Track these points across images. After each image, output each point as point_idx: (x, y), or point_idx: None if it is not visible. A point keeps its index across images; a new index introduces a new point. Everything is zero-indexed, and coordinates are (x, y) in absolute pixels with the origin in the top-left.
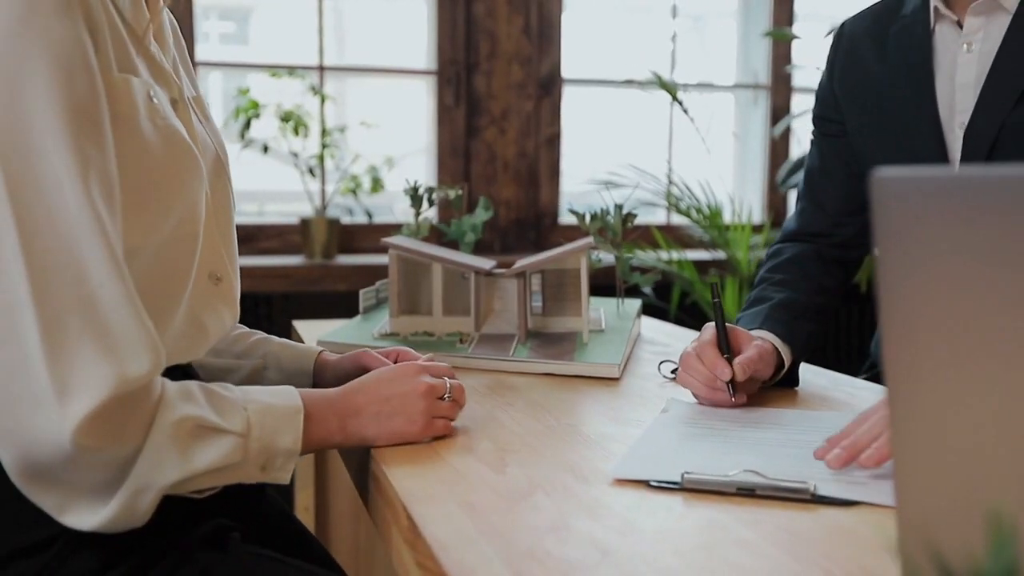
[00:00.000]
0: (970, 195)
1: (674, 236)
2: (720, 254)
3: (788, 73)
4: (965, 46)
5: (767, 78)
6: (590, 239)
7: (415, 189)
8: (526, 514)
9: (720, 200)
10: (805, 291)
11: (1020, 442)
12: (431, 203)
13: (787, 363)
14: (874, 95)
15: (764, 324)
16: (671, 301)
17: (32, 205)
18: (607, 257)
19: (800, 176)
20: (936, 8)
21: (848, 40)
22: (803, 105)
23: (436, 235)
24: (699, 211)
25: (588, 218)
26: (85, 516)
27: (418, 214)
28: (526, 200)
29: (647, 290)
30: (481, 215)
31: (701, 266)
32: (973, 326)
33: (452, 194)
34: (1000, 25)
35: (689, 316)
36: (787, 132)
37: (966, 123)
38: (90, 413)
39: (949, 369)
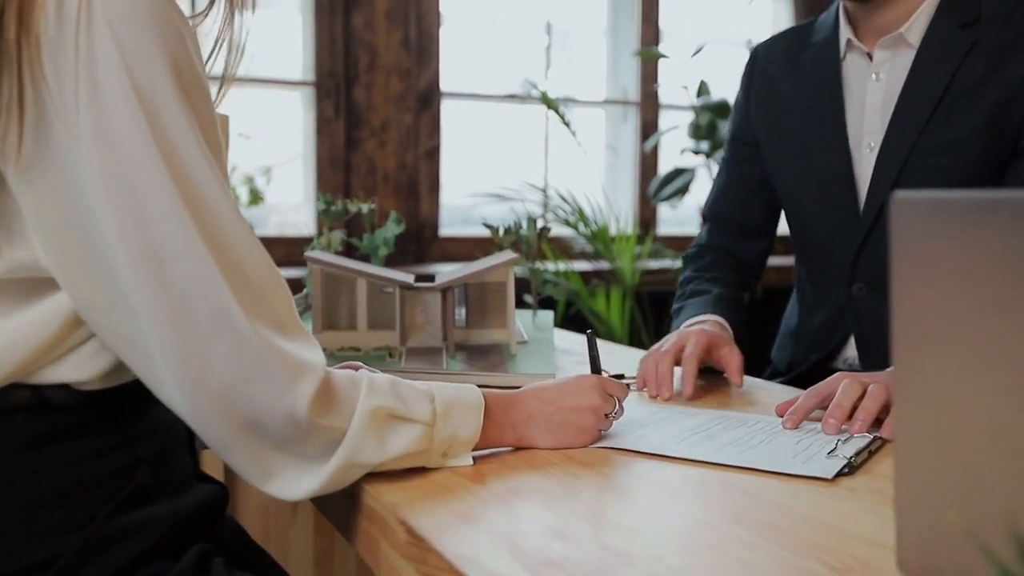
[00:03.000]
0: (982, 216)
1: (557, 247)
2: (603, 264)
3: (656, 91)
4: (874, 75)
5: (636, 95)
6: (511, 253)
7: (328, 203)
8: (526, 522)
9: (605, 213)
10: (733, 287)
11: (1018, 438)
12: (343, 216)
13: None
14: (787, 118)
15: (715, 310)
16: (556, 311)
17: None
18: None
19: (672, 187)
20: (849, 40)
21: (762, 69)
22: (670, 121)
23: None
24: (586, 224)
25: (502, 231)
26: (289, 485)
27: (331, 228)
28: (407, 213)
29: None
30: (392, 228)
31: (584, 276)
32: (979, 335)
33: (365, 208)
34: (906, 58)
35: (573, 325)
36: (655, 147)
37: (874, 146)
38: (315, 391)
39: (954, 374)
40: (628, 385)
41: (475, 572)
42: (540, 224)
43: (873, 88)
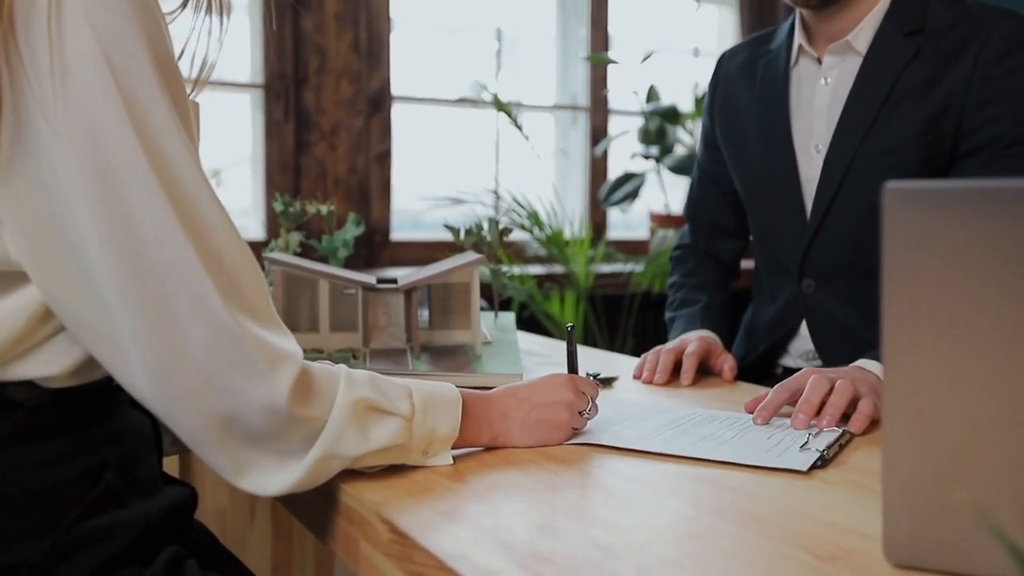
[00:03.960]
0: (972, 205)
1: (511, 251)
2: (556, 268)
3: (605, 96)
4: (823, 80)
5: (586, 100)
6: (474, 253)
7: (287, 204)
8: (510, 519)
9: (560, 217)
10: (719, 292)
11: (1005, 428)
12: (302, 218)
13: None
14: (743, 122)
15: (703, 324)
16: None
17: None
18: None
19: (623, 192)
20: (800, 45)
21: (724, 75)
22: (620, 127)
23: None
24: (540, 228)
25: (463, 233)
26: (265, 480)
27: (289, 230)
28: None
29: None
30: (352, 230)
31: (537, 279)
32: (968, 324)
33: (324, 209)
34: (853, 64)
35: (527, 327)
36: (605, 152)
37: (822, 148)
38: (295, 380)
39: (944, 363)
40: (599, 383)
41: (465, 568)
42: (501, 225)
43: (821, 92)
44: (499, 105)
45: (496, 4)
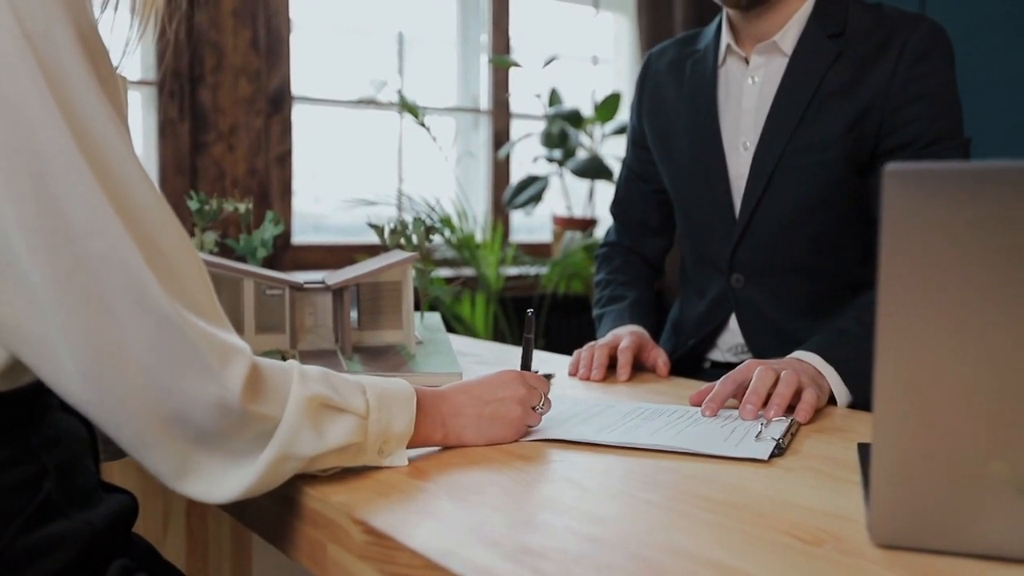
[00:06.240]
0: (969, 186)
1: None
2: (466, 270)
3: (507, 99)
4: (750, 79)
5: (487, 103)
6: (402, 252)
7: (202, 202)
8: (489, 514)
9: (471, 222)
10: (645, 289)
11: (997, 410)
12: (217, 216)
13: None
14: (671, 120)
15: (634, 320)
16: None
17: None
18: None
19: (526, 195)
20: (729, 45)
21: (652, 75)
22: (522, 130)
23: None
24: (452, 231)
25: (387, 232)
26: (215, 485)
27: (204, 229)
28: (258, 220)
29: None
30: (270, 229)
31: (447, 282)
32: (961, 306)
33: (242, 208)
34: (779, 64)
35: None
36: (507, 155)
37: (750, 145)
38: (247, 375)
39: (935, 345)
40: (549, 378)
41: (457, 566)
42: (426, 224)
43: (749, 91)
44: (405, 105)
45: (397, 6)
